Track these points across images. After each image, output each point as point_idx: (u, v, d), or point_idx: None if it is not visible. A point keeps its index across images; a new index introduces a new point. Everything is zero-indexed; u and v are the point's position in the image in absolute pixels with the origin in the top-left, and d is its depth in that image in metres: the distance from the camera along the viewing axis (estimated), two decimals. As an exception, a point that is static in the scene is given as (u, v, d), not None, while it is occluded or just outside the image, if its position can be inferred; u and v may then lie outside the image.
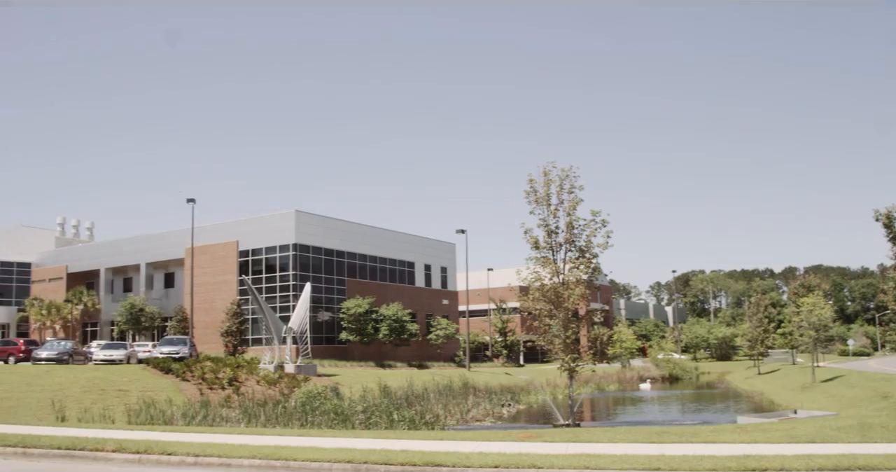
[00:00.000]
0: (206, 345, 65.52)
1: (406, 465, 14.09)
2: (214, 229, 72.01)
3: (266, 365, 46.59)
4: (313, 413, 27.97)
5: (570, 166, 27.13)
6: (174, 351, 48.93)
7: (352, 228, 73.44)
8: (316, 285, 64.49)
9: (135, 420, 26.72)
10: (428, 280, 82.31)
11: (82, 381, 36.02)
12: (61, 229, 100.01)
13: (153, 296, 78.88)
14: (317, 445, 16.54)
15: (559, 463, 13.64)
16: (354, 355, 67.06)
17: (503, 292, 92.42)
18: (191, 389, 36.35)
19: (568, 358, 27.01)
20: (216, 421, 27.01)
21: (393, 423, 27.29)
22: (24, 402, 30.33)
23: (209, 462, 15.00)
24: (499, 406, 41.65)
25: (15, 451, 16.25)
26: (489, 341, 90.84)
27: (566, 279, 26.86)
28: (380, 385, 40.36)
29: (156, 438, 17.88)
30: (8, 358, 50.60)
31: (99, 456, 15.78)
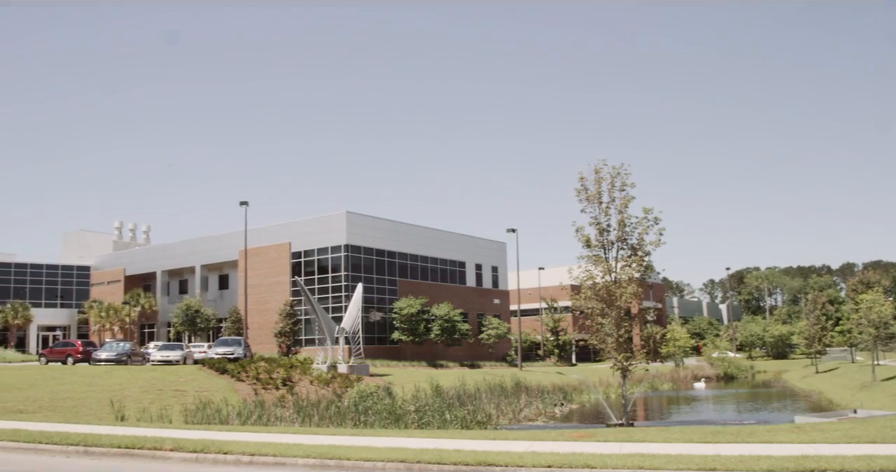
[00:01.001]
0: (260, 346, 66.24)
1: (459, 465, 14.08)
2: (267, 231, 72.80)
3: (319, 365, 46.94)
4: (366, 413, 28.11)
5: (621, 164, 26.96)
6: (229, 352, 49.59)
7: (402, 228, 73.69)
8: (367, 285, 64.82)
9: (191, 420, 27.10)
10: (479, 280, 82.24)
11: (140, 381, 36.65)
12: (119, 233, 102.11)
13: (208, 298, 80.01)
14: (370, 444, 16.61)
15: (613, 463, 13.52)
16: (406, 354, 67.25)
17: (555, 290, 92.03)
18: (245, 389, 36.77)
19: (621, 357, 26.80)
20: (270, 421, 27.27)
21: (445, 423, 27.31)
22: (84, 402, 30.97)
23: (264, 462, 15.15)
24: (551, 406, 41.47)
25: (77, 449, 16.58)
26: (541, 341, 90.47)
27: (618, 278, 26.65)
28: (432, 385, 40.42)
29: (212, 437, 18.10)
30: (66, 359, 51.80)
31: (157, 455, 16.03)
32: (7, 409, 28.95)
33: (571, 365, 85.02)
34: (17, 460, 16.07)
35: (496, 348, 77.47)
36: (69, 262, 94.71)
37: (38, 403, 30.57)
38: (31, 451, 16.82)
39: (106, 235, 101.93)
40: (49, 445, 16.90)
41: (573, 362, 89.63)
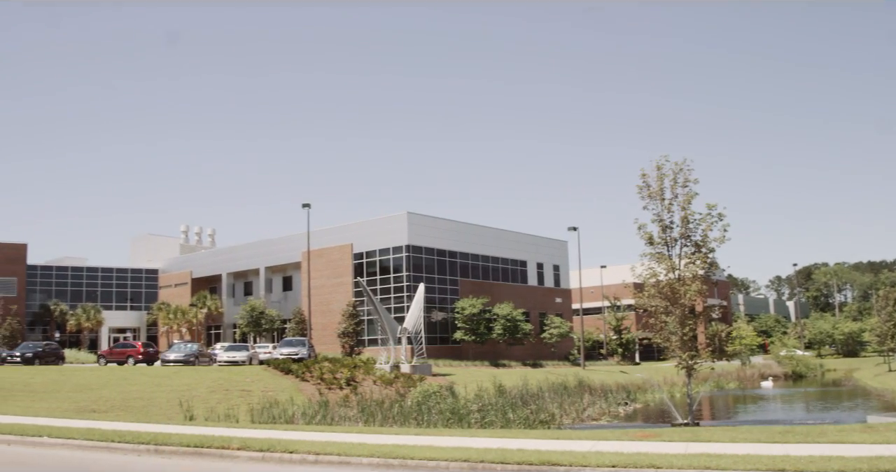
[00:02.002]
0: (323, 346, 66.90)
1: (522, 464, 14.04)
2: (329, 233, 73.52)
3: (382, 365, 47.22)
4: (429, 413, 28.20)
5: (684, 159, 26.65)
6: (293, 352, 50.17)
7: (463, 228, 73.77)
8: (429, 285, 65.03)
9: (257, 419, 27.49)
10: (540, 278, 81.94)
11: (208, 381, 37.29)
12: (185, 237, 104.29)
13: (272, 299, 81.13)
14: (433, 444, 16.65)
15: (678, 463, 13.35)
16: (469, 354, 67.31)
17: (617, 289, 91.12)
18: (310, 389, 37.14)
19: (685, 356, 26.48)
20: (335, 420, 27.52)
21: (508, 422, 27.28)
22: (154, 402, 31.65)
23: (329, 461, 15.29)
24: (615, 405, 41.14)
25: (148, 448, 16.94)
26: (604, 340, 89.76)
27: (682, 275, 26.34)
28: (494, 384, 40.39)
29: (278, 436, 18.33)
30: (127, 360, 53.02)
31: (225, 454, 16.29)
32: (81, 408, 29.74)
33: (635, 364, 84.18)
34: (91, 458, 16.50)
35: (558, 347, 77.11)
36: (138, 265, 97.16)
37: (111, 403, 31.34)
38: (105, 449, 17.24)
39: (173, 239, 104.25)
40: (121, 443, 17.30)
41: (637, 361, 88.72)
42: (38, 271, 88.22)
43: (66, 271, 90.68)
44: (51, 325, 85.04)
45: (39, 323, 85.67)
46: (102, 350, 56.72)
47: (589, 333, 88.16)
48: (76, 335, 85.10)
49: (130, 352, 53.98)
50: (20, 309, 78.54)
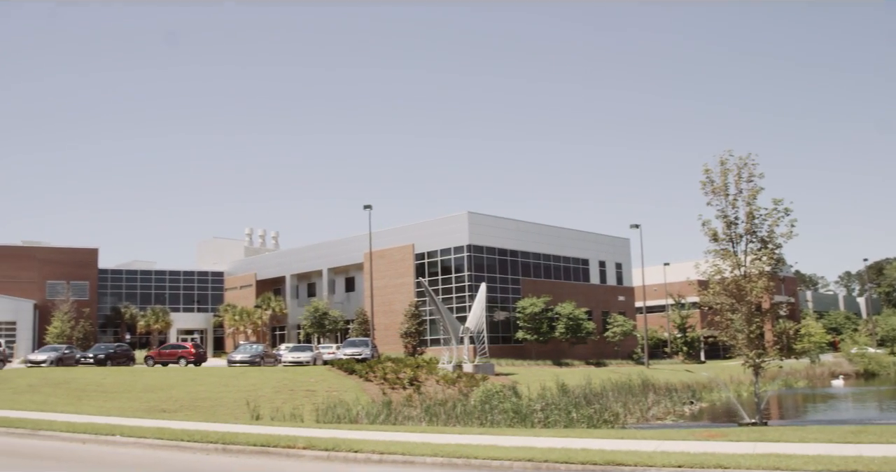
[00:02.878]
0: (386, 346, 67.34)
1: (587, 464, 13.95)
2: (391, 234, 73.95)
3: (445, 365, 47.34)
4: (492, 412, 28.19)
5: (748, 154, 26.25)
6: (357, 353, 50.59)
7: (524, 227, 73.56)
8: (490, 284, 64.98)
9: (322, 419, 27.78)
10: (603, 277, 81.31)
11: (273, 382, 37.81)
12: (249, 240, 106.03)
13: (335, 300, 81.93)
14: (497, 443, 16.63)
15: (746, 463, 13.13)
16: (531, 353, 67.10)
17: (681, 286, 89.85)
18: (373, 389, 37.40)
19: (752, 354, 26.05)
20: (398, 420, 27.68)
21: (572, 421, 27.14)
22: (221, 402, 32.23)
23: (393, 460, 15.38)
24: (680, 404, 40.63)
25: (216, 447, 17.24)
26: (668, 338, 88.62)
27: (748, 272, 25.94)
28: (557, 384, 40.21)
29: (342, 436, 18.49)
30: (178, 360, 54.08)
31: (291, 453, 16.49)
32: (152, 408, 30.42)
33: (700, 363, 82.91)
34: (162, 457, 16.86)
35: (622, 345, 76.43)
36: (204, 268, 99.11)
37: (180, 402, 31.99)
38: (175, 448, 17.60)
39: (237, 241, 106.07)
40: (190, 443, 17.64)
41: (702, 360, 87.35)
42: (109, 275, 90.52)
43: (135, 275, 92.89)
44: (121, 327, 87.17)
45: (111, 325, 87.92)
46: (151, 351, 57.42)
47: (653, 331, 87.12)
48: (146, 337, 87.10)
49: (182, 353, 55.02)
50: (92, 312, 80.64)
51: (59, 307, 74.16)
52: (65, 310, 73.49)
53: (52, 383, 37.76)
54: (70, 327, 72.46)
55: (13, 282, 78.55)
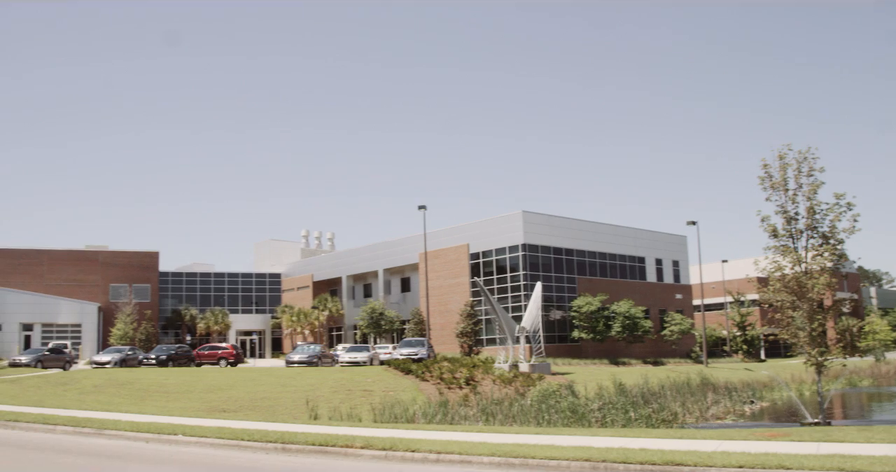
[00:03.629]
0: (442, 346, 67.53)
1: (645, 464, 13.83)
2: (445, 234, 74.14)
3: (501, 364, 47.30)
4: (549, 412, 28.08)
5: (808, 147, 25.76)
6: (413, 353, 50.83)
7: (579, 225, 73.18)
8: (546, 283, 64.76)
9: (379, 419, 27.94)
10: (659, 275, 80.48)
11: (330, 382, 38.17)
12: (305, 241, 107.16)
13: (391, 300, 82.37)
14: (554, 443, 16.58)
15: (810, 464, 12.89)
16: (587, 352, 66.72)
17: (740, 283, 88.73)
18: (430, 388, 37.52)
19: (815, 352, 25.57)
20: (455, 420, 27.72)
21: (629, 421, 26.92)
22: (280, 401, 32.64)
23: (450, 459, 15.42)
24: (740, 404, 40.00)
25: (275, 446, 17.47)
26: (727, 336, 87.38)
27: (809, 268, 25.48)
28: (614, 383, 39.92)
29: (399, 435, 18.60)
30: (219, 361, 54.97)
31: (349, 452, 16.62)
32: (212, 408, 30.93)
33: (760, 361, 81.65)
34: (223, 455, 17.13)
35: (679, 344, 75.56)
36: (262, 270, 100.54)
37: (239, 402, 32.48)
38: (235, 447, 17.86)
39: (294, 243, 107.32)
40: (250, 442, 17.89)
41: (762, 358, 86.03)
42: (170, 278, 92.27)
43: (195, 277, 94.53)
44: (182, 328, 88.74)
45: (171, 327, 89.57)
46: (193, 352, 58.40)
47: (711, 329, 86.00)
48: (206, 338, 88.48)
49: (223, 353, 56.35)
50: (154, 314, 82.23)
51: (122, 310, 75.79)
52: (127, 312, 75.08)
53: (116, 383, 38.65)
54: (133, 329, 74.01)
55: (78, 285, 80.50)
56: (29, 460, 16.54)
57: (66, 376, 42.68)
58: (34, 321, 75.20)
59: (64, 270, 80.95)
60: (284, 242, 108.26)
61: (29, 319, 74.93)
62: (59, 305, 76.65)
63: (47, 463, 16.15)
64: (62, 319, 76.32)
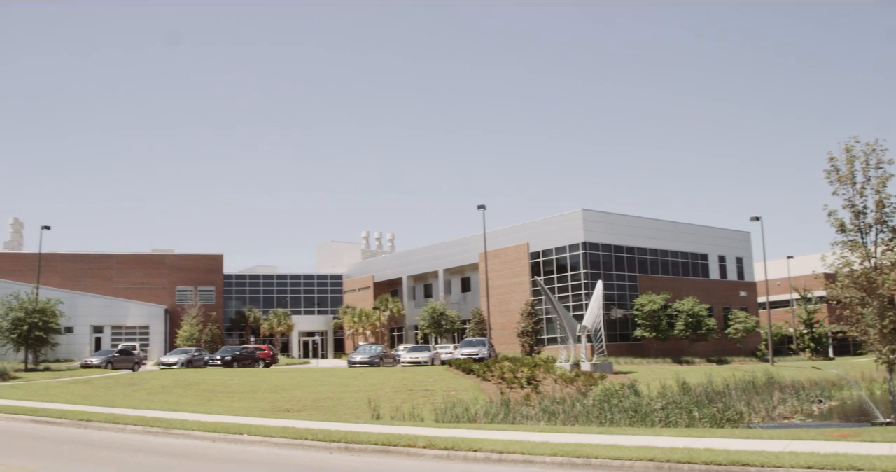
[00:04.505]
0: (503, 345, 67.44)
1: (710, 464, 13.65)
2: (505, 233, 74.02)
3: (562, 364, 47.09)
4: (611, 411, 27.86)
5: (876, 140, 25.12)
6: (474, 352, 50.85)
7: (639, 222, 72.44)
8: (607, 282, 64.24)
9: (441, 418, 28.02)
10: (723, 272, 79.20)
11: (392, 382, 38.39)
12: (366, 242, 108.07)
13: (451, 300, 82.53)
14: (617, 443, 16.46)
15: (882, 465, 12.57)
16: (650, 351, 66.03)
17: (806, 280, 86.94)
18: (491, 388, 37.51)
19: (886, 350, 24.94)
20: (517, 419, 27.66)
21: (694, 421, 26.56)
22: (343, 401, 32.95)
23: (512, 459, 15.40)
24: (808, 403, 39.21)
25: (339, 446, 17.64)
26: (793, 334, 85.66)
27: (879, 263, 24.86)
28: (678, 382, 39.44)
29: (461, 435, 18.62)
30: (258, 362, 56.33)
31: (411, 452, 16.70)
32: (277, 408, 31.36)
33: (828, 359, 79.88)
34: (288, 455, 17.35)
35: (744, 342, 74.26)
36: (323, 271, 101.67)
37: (303, 402, 32.87)
38: (299, 447, 18.08)
39: (354, 244, 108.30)
40: (314, 441, 18.09)
41: (830, 356, 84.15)
42: (234, 280, 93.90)
43: (258, 279, 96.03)
44: (246, 330, 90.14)
45: (236, 328, 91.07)
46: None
47: (777, 327, 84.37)
48: (269, 339, 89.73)
49: (261, 355, 57.63)
50: (218, 315, 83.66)
51: (188, 312, 77.29)
52: (193, 314, 76.54)
53: (183, 384, 39.43)
54: (198, 331, 75.39)
55: (146, 288, 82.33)
56: (100, 458, 16.96)
57: (135, 377, 43.70)
58: (104, 324, 77.17)
59: (132, 273, 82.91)
60: (345, 243, 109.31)
61: (99, 321, 76.93)
62: (127, 307, 78.56)
63: (118, 462, 16.54)
64: (131, 321, 78.18)
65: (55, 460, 16.61)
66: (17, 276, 75.00)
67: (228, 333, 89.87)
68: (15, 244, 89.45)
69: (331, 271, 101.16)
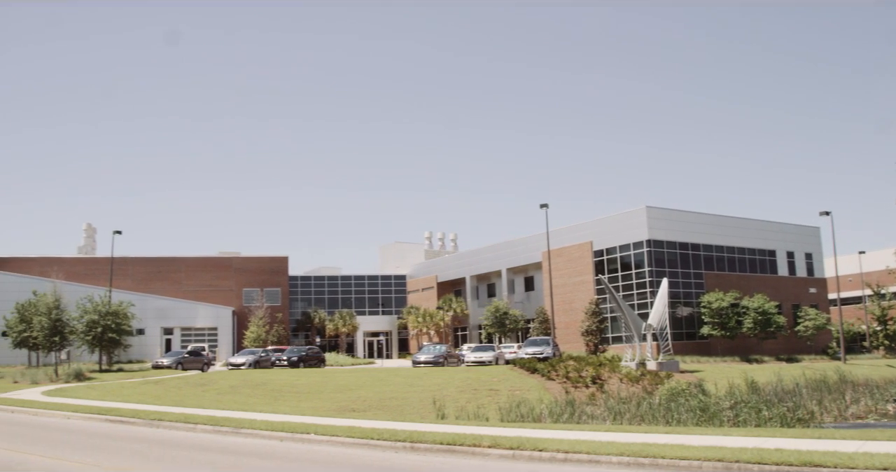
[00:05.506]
0: (567, 344, 67.13)
1: (781, 465, 13.40)
2: (568, 232, 73.65)
3: (627, 363, 46.70)
4: (678, 410, 27.51)
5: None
6: (538, 352, 50.74)
7: (704, 219, 71.41)
8: (672, 279, 63.52)
9: (506, 418, 27.99)
10: (791, 268, 77.62)
11: (457, 381, 38.48)
12: (429, 243, 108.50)
13: (515, 299, 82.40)
14: (684, 442, 16.26)
15: (962, 466, 12.23)
16: (717, 350, 65.06)
17: (880, 275, 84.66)
18: (556, 387, 37.37)
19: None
20: (582, 419, 27.51)
21: (763, 420, 26.07)
22: (408, 401, 33.14)
23: (578, 459, 15.33)
24: (882, 402, 38.16)
25: (404, 445, 17.76)
26: (866, 331, 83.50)
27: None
28: (746, 381, 38.78)
29: (527, 435, 18.59)
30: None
31: (476, 452, 16.73)
32: (343, 408, 31.69)
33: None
34: (354, 454, 17.53)
35: (814, 340, 72.67)
36: (387, 272, 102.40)
37: (368, 402, 33.15)
38: (364, 446, 18.25)
39: (417, 245, 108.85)
40: (379, 441, 18.25)
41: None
42: (299, 281, 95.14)
43: (322, 280, 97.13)
44: (311, 330, 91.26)
45: (301, 329, 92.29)
46: None
47: (849, 324, 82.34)
48: (334, 339, 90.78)
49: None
50: (284, 317, 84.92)
51: (255, 313, 78.62)
52: (259, 315, 77.82)
53: (250, 384, 40.08)
54: (265, 332, 76.63)
55: (213, 290, 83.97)
56: (172, 457, 17.36)
57: (204, 378, 44.57)
58: (174, 325, 78.92)
59: (200, 276, 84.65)
60: (408, 244, 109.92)
61: (169, 323, 78.70)
62: (196, 309, 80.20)
63: (189, 460, 16.91)
64: (199, 323, 79.78)
65: (129, 458, 17.05)
66: (90, 279, 77.18)
67: (294, 334, 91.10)
68: (88, 249, 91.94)
69: (394, 272, 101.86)
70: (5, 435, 21.41)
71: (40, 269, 77.84)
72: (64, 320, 54.26)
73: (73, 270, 79.15)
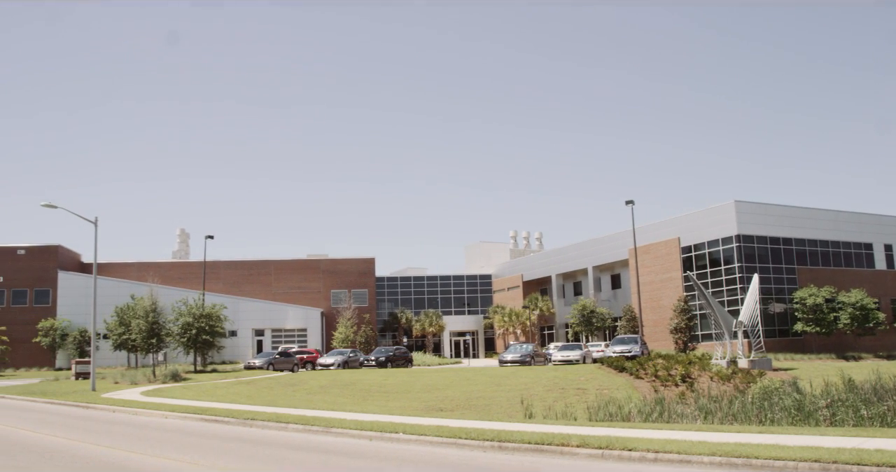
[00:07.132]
0: (655, 343, 66.20)
1: (882, 466, 12.95)
2: (655, 228, 72.63)
3: (718, 360, 45.82)
4: (772, 409, 26.84)
5: None
6: (626, 350, 50.21)
7: (796, 212, 69.48)
8: (763, 275, 62.05)
9: (594, 417, 27.74)
10: (889, 262, 74.89)
11: (544, 380, 38.32)
12: (514, 242, 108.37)
13: (601, 297, 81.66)
14: (778, 442, 15.87)
15: None
16: (811, 347, 63.24)
17: None
18: (644, 386, 36.91)
19: None
20: (671, 418, 27.06)
21: (862, 420, 25.22)
22: (495, 400, 33.14)
23: (669, 459, 15.11)
24: None
25: (492, 445, 17.78)
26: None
27: None
28: (843, 378, 37.57)
29: (615, 434, 18.40)
30: (306, 364, 58.37)
31: (564, 451, 16.64)
32: (430, 407, 31.88)
33: None
34: (442, 453, 17.63)
35: (918, 336, 70.10)
36: (472, 272, 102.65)
37: (455, 402, 33.27)
38: (453, 445, 18.33)
39: (502, 244, 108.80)
40: (467, 440, 18.30)
41: None
42: (386, 282, 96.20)
43: (409, 281, 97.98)
44: (398, 331, 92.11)
45: (389, 330, 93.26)
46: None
47: (954, 319, 79.01)
48: (421, 339, 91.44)
49: (309, 358, 60.44)
50: (372, 317, 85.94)
51: (343, 314, 79.79)
52: (347, 316, 78.97)
53: (339, 384, 40.67)
54: (353, 333, 77.70)
55: (302, 292, 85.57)
56: (265, 455, 17.75)
57: (295, 378, 45.41)
58: (264, 327, 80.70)
59: (289, 278, 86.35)
60: (493, 243, 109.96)
61: (260, 325, 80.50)
62: (286, 311, 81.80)
63: (280, 459, 17.26)
64: (289, 324, 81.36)
65: (223, 456, 17.50)
66: (184, 283, 79.50)
67: (382, 334, 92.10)
68: (182, 254, 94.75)
69: (480, 271, 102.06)
70: (108, 434, 22.23)
71: (137, 273, 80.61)
72: (160, 323, 55.96)
73: (168, 274, 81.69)
